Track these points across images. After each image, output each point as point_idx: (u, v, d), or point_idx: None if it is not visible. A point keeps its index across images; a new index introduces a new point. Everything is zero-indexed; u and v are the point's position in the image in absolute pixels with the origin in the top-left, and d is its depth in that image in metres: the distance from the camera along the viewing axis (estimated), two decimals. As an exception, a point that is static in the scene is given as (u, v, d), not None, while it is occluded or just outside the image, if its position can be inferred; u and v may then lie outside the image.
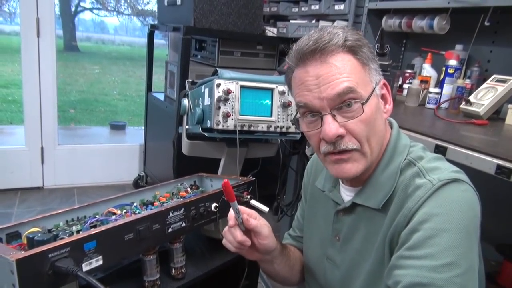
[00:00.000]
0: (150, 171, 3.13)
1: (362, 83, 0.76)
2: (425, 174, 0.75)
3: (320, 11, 2.30)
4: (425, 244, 0.67)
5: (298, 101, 0.79)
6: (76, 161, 3.15)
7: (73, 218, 0.94)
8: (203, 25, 2.36)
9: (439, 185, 0.71)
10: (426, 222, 0.69)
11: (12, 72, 6.77)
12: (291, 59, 0.79)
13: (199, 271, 1.03)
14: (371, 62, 0.79)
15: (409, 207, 0.72)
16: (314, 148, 0.83)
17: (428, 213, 0.69)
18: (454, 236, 0.67)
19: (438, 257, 0.66)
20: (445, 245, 0.66)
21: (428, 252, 0.67)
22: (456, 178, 0.72)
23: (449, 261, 0.65)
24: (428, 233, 0.68)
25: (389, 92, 0.84)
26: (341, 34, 0.75)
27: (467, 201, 0.70)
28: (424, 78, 1.82)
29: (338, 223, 0.88)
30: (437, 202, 0.70)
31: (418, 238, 0.69)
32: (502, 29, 1.70)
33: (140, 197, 1.08)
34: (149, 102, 3.07)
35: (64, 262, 0.70)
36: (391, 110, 0.83)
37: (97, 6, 8.02)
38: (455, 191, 0.71)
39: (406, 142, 0.83)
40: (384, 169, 0.81)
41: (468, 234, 0.68)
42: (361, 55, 0.77)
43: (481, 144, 1.09)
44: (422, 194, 0.72)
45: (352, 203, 0.84)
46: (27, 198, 2.90)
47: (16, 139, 3.53)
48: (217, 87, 1.34)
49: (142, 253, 0.90)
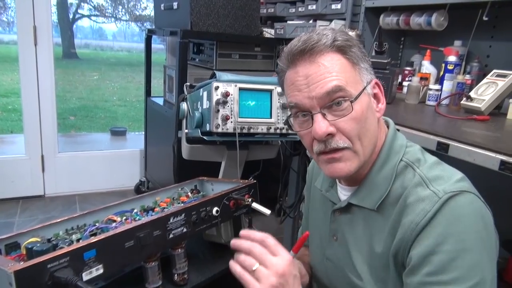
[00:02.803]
0: (151, 176, 3.12)
1: (352, 82, 0.76)
2: (428, 184, 0.73)
3: (317, 11, 2.30)
4: (448, 268, 0.67)
5: (289, 102, 0.80)
6: (77, 168, 3.14)
7: (73, 227, 0.93)
8: (200, 28, 2.35)
9: (445, 199, 0.70)
10: (443, 244, 0.68)
11: (11, 81, 6.78)
12: (282, 61, 0.80)
13: (202, 276, 1.02)
14: (361, 62, 0.79)
15: (415, 221, 0.71)
16: (307, 148, 0.83)
17: (442, 234, 0.68)
18: (474, 253, 0.67)
19: (464, 279, 0.66)
20: (468, 266, 0.66)
21: (454, 276, 0.66)
22: (461, 190, 0.71)
23: (476, 281, 0.66)
24: (448, 256, 0.67)
25: (381, 92, 0.83)
26: (330, 34, 0.76)
27: (477, 213, 0.70)
28: (424, 75, 1.81)
29: (335, 223, 0.88)
30: (448, 220, 0.69)
31: (439, 262, 0.68)
32: (501, 23, 1.68)
33: (141, 203, 1.07)
34: (148, 107, 3.07)
35: (63, 272, 0.69)
36: (383, 109, 0.83)
37: (95, 13, 8.03)
38: (464, 206, 0.70)
39: (403, 142, 0.83)
40: (380, 169, 0.80)
41: (485, 245, 0.68)
42: (350, 55, 0.77)
43: (484, 140, 1.08)
44: (428, 208, 0.70)
45: (347, 203, 0.84)
46: (28, 207, 2.89)
47: (17, 148, 3.52)
48: (216, 90, 1.33)
49: (143, 260, 0.89)
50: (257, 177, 1.25)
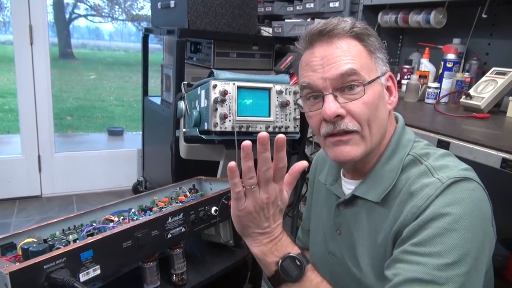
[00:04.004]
0: (149, 176, 3.10)
1: (367, 68, 0.77)
2: (433, 172, 0.73)
3: (315, 9, 2.28)
4: (431, 242, 0.67)
5: (302, 82, 0.80)
6: (74, 169, 3.13)
7: (70, 227, 0.92)
8: (197, 27, 2.34)
9: (448, 183, 0.70)
10: (434, 221, 0.68)
11: (8, 81, 6.74)
12: (300, 44, 0.82)
13: (201, 276, 1.01)
14: (378, 52, 0.80)
15: (417, 205, 0.71)
16: (314, 131, 0.82)
17: (436, 212, 0.69)
18: (461, 236, 0.67)
19: (443, 256, 0.66)
20: (451, 245, 0.66)
21: (433, 251, 0.67)
22: (465, 177, 0.71)
23: (454, 260, 0.66)
24: (435, 232, 0.68)
25: (394, 85, 0.84)
26: (349, 21, 0.78)
27: (476, 201, 0.70)
28: (423, 73, 1.80)
29: (339, 216, 0.88)
30: (445, 201, 0.69)
31: (425, 235, 0.68)
32: (500, 21, 1.68)
33: (138, 203, 1.06)
34: (145, 107, 3.05)
35: (60, 273, 0.68)
36: (395, 102, 0.84)
37: (92, 13, 8.00)
38: (464, 191, 0.70)
39: (411, 137, 0.83)
40: (386, 162, 0.80)
41: (475, 234, 0.68)
42: (368, 43, 0.79)
43: (484, 137, 1.07)
44: (431, 192, 0.71)
45: (352, 195, 0.84)
46: (25, 207, 2.87)
47: (13, 148, 3.50)
48: (214, 88, 1.32)
49: (141, 260, 0.88)
50: (255, 176, 1.24)
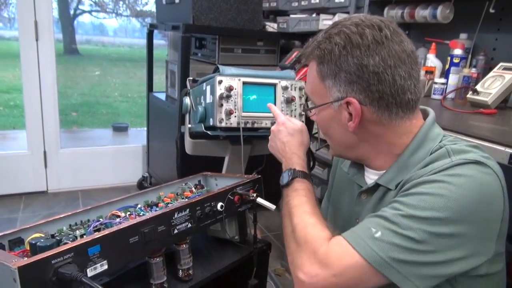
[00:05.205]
0: (154, 172, 3.11)
1: (317, 94, 0.84)
2: (451, 154, 0.74)
3: (320, 5, 2.27)
4: (417, 197, 0.69)
5: None
6: (80, 164, 3.14)
7: (77, 222, 0.92)
8: (202, 22, 2.34)
9: (458, 162, 0.70)
10: (427, 184, 0.70)
11: (13, 77, 6.77)
12: None
13: (207, 272, 1.01)
14: (336, 77, 0.78)
15: (420, 173, 0.73)
16: None
17: (434, 178, 0.70)
18: (449, 207, 0.66)
19: (416, 208, 0.67)
20: (436, 206, 0.66)
21: (416, 204, 0.68)
22: (480, 161, 0.70)
23: (425, 216, 0.66)
24: (425, 191, 0.69)
25: (355, 110, 0.78)
26: (317, 40, 0.81)
27: (483, 183, 0.69)
28: (429, 69, 1.79)
29: (359, 205, 0.89)
30: (447, 173, 0.69)
31: (414, 192, 0.70)
32: (507, 16, 1.66)
33: (144, 199, 1.06)
34: (150, 102, 3.05)
35: (68, 268, 0.68)
36: (353, 127, 0.80)
37: (96, 9, 8.01)
38: (473, 170, 0.69)
39: (440, 132, 0.83)
40: (413, 153, 0.80)
41: (464, 218, 0.67)
42: (322, 68, 0.80)
43: (492, 133, 1.06)
44: (437, 166, 0.72)
45: (375, 184, 0.84)
46: (31, 203, 2.89)
47: (19, 143, 3.53)
48: (219, 84, 1.31)
49: (148, 255, 0.88)
50: (261, 172, 1.23)
